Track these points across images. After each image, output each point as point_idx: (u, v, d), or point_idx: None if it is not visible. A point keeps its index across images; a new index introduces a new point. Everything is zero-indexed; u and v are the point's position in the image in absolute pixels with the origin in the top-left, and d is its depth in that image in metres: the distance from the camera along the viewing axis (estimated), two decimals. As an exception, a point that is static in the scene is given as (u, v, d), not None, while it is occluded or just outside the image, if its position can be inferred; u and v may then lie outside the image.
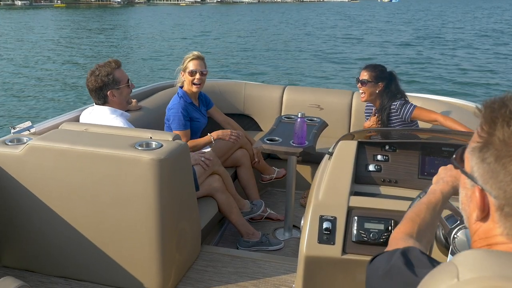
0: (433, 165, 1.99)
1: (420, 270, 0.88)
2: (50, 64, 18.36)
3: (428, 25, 40.07)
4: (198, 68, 3.49)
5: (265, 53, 21.83)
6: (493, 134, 0.78)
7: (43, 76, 15.74)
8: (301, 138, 3.07)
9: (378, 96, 3.44)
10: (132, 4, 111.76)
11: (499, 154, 0.76)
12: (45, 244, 2.48)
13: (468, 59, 19.40)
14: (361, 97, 3.49)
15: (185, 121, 3.44)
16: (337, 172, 1.93)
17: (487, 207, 0.81)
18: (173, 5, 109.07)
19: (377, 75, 3.42)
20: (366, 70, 3.45)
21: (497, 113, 0.78)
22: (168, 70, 16.82)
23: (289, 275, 2.64)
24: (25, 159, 2.36)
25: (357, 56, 20.72)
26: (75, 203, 2.36)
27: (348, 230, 1.78)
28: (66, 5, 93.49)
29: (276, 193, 4.10)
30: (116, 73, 2.86)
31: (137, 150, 2.26)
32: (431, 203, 1.22)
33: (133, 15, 57.75)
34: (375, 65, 3.51)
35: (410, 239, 1.10)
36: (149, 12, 70.38)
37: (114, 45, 25.01)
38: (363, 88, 3.43)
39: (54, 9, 77.40)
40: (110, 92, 2.84)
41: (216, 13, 64.46)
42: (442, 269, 0.73)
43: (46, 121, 3.03)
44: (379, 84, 3.42)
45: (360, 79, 3.43)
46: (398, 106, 3.39)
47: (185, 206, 2.54)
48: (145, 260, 2.36)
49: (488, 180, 0.79)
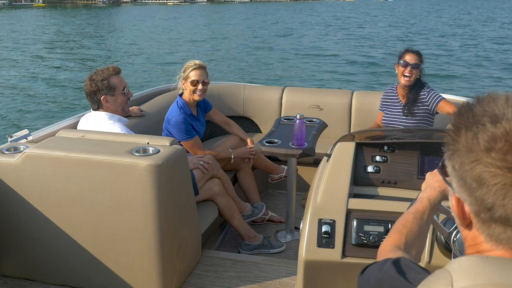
0: (432, 165, 1.96)
1: (413, 277, 0.86)
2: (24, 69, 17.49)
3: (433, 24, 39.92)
4: (200, 78, 3.38)
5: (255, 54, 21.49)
6: (458, 140, 0.76)
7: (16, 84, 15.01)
8: (300, 139, 3.04)
9: (415, 80, 3.47)
10: (118, 4, 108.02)
11: (463, 161, 0.75)
12: (43, 253, 2.47)
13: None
14: (405, 80, 3.44)
15: (190, 130, 3.35)
16: (335, 174, 1.91)
17: (467, 215, 0.79)
18: (160, 5, 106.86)
19: (421, 59, 3.47)
20: (414, 54, 3.46)
21: (461, 119, 0.77)
22: (159, 73, 16.38)
23: (290, 277, 2.61)
24: (22, 168, 2.35)
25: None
26: (73, 211, 2.34)
27: (347, 233, 1.76)
28: (47, 5, 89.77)
29: (277, 195, 4.08)
30: (112, 79, 2.85)
31: (134, 156, 2.24)
32: (418, 212, 1.20)
33: (118, 16, 55.59)
34: (416, 49, 3.55)
35: (399, 250, 1.08)
36: (136, 12, 67.95)
37: (97, 48, 24.02)
38: (414, 71, 3.43)
39: (35, 9, 73.57)
40: (103, 98, 2.83)
41: (206, 14, 62.58)
42: (436, 277, 0.71)
43: (43, 128, 3.02)
44: (420, 67, 3.46)
45: (412, 63, 3.41)
46: (429, 92, 3.43)
47: (184, 211, 2.52)
48: (145, 268, 2.34)
49: (461, 188, 0.77)
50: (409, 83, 3.44)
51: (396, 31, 32.90)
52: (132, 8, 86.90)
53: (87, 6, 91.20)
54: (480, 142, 0.72)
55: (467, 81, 14.78)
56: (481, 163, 0.72)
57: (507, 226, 0.73)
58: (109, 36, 29.47)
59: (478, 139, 0.73)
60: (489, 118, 0.73)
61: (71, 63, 18.37)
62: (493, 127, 0.72)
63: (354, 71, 16.68)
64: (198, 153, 3.33)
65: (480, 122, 0.73)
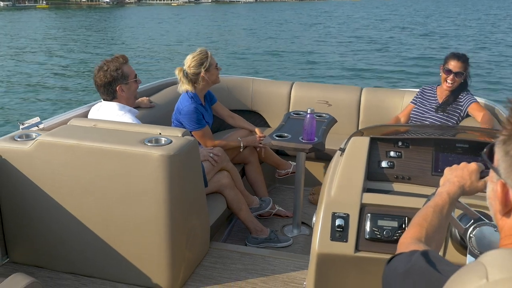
0: (447, 161, 1.95)
1: (443, 268, 0.86)
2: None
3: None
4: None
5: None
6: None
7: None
8: (310, 134, 3.04)
9: (458, 85, 3.46)
10: (122, 4, 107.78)
11: None
12: (54, 240, 2.48)
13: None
14: (448, 86, 3.43)
15: (201, 119, 3.34)
16: (349, 169, 1.91)
17: (509, 202, 0.79)
18: (165, 5, 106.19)
19: (466, 66, 3.43)
20: (459, 61, 3.41)
21: None
22: (161, 70, 16.44)
23: (298, 271, 2.62)
24: (34, 155, 2.35)
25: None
26: (84, 199, 2.35)
27: (361, 228, 1.76)
28: (50, 6, 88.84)
29: (285, 190, 4.08)
30: (124, 67, 2.85)
31: (147, 146, 2.24)
32: (437, 206, 1.20)
33: (121, 18, 54.98)
34: (463, 54, 3.49)
35: (420, 243, 1.08)
36: (141, 13, 67.39)
37: (100, 49, 23.86)
38: (456, 79, 3.41)
39: (38, 11, 72.33)
40: (119, 87, 2.83)
41: (211, 15, 61.78)
42: (470, 269, 0.71)
43: (55, 117, 3.02)
44: (464, 74, 3.44)
45: (455, 71, 3.39)
46: (466, 95, 3.43)
47: (194, 202, 2.52)
48: (155, 257, 2.35)
49: (511, 174, 0.77)
50: (450, 89, 3.44)
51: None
52: (136, 8, 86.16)
53: (91, 7, 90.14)
54: None
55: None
56: None
57: None
58: (114, 39, 29.20)
59: None
60: None
61: (74, 67, 18.32)
62: None
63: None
64: (208, 143, 3.33)
65: None
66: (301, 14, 56.75)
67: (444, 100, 3.50)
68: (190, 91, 3.35)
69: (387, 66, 17.63)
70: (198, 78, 3.33)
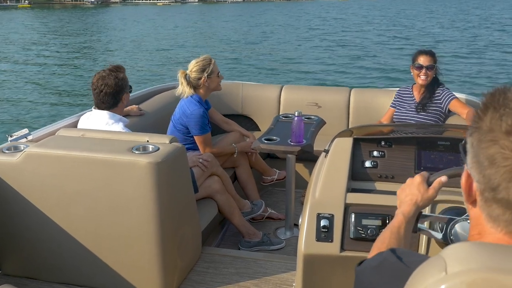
0: (429, 159, 1.98)
1: (410, 260, 0.90)
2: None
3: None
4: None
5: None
6: (482, 119, 0.78)
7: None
8: (298, 136, 3.07)
9: (431, 79, 3.53)
10: (107, 4, 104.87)
11: (481, 138, 0.77)
12: (44, 251, 2.48)
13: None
14: (422, 80, 3.49)
15: (206, 125, 3.40)
16: (333, 170, 1.93)
17: (473, 192, 0.82)
18: (151, 5, 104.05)
19: (435, 60, 3.52)
20: (427, 55, 3.50)
21: (492, 99, 0.79)
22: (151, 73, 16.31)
23: (290, 273, 2.64)
24: (22, 167, 2.36)
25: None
26: (74, 209, 2.36)
27: (345, 227, 1.78)
28: (32, 5, 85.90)
29: (276, 193, 4.10)
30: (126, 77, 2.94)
31: (134, 154, 2.26)
32: (394, 227, 1.25)
33: (107, 18, 53.03)
34: (429, 50, 3.60)
35: None
36: (126, 12, 65.68)
37: (80, 51, 22.94)
38: (429, 73, 3.48)
39: (20, 11, 69.60)
40: (124, 96, 2.90)
41: (197, 15, 60.45)
42: (431, 263, 0.73)
43: (43, 128, 3.03)
44: (435, 67, 3.51)
45: (426, 65, 3.46)
46: (443, 91, 3.48)
47: (185, 209, 2.54)
48: (146, 265, 2.36)
49: (473, 165, 0.80)
50: (426, 82, 3.49)
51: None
52: (121, 8, 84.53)
53: (76, 7, 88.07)
54: (503, 124, 0.75)
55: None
56: (497, 144, 0.74)
57: (507, 209, 0.75)
58: (98, 40, 28.39)
59: (501, 121, 0.75)
60: None
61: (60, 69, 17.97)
62: None
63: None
64: (206, 149, 3.37)
65: (508, 106, 0.76)
66: (291, 15, 56.68)
67: (421, 97, 3.53)
68: (195, 94, 3.42)
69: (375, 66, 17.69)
70: (199, 83, 3.40)
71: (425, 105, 3.50)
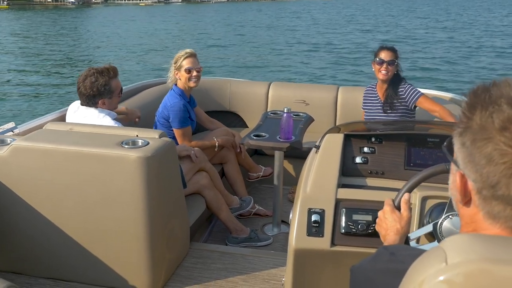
0: (419, 156, 2.01)
1: (405, 254, 0.91)
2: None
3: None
4: (193, 65, 3.48)
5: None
6: (472, 118, 0.79)
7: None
8: (287, 133, 3.08)
9: (392, 76, 3.54)
10: (89, 5, 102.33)
11: (475, 138, 0.78)
12: (32, 246, 2.46)
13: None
14: (383, 75, 3.50)
15: (187, 118, 3.41)
16: (324, 165, 1.95)
17: (468, 192, 0.83)
18: (133, 5, 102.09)
19: (396, 55, 3.53)
20: (389, 51, 3.52)
21: (478, 98, 0.80)
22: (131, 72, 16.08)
23: (278, 269, 2.65)
24: (9, 160, 2.33)
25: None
26: (62, 204, 2.33)
27: (336, 222, 1.79)
28: (10, 6, 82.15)
29: (264, 189, 4.11)
30: (112, 82, 2.83)
31: (124, 149, 2.24)
32: None
33: (88, 20, 51.32)
34: (391, 46, 3.61)
35: None
36: (108, 13, 64.06)
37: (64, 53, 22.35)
38: (390, 68, 3.49)
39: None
40: (101, 101, 2.81)
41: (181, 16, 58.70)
42: (431, 254, 0.74)
43: (30, 121, 2.99)
44: (396, 63, 3.52)
45: (387, 60, 3.47)
46: (407, 88, 3.49)
47: (173, 203, 2.53)
48: (135, 259, 2.35)
49: (467, 164, 0.80)
50: (386, 77, 3.51)
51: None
52: (103, 9, 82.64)
53: (57, 7, 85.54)
54: (495, 122, 0.75)
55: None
56: (493, 142, 0.75)
57: (508, 205, 0.76)
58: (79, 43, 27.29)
59: (493, 119, 0.76)
60: (506, 100, 0.76)
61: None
62: (510, 109, 0.75)
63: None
64: (185, 143, 3.36)
65: (496, 103, 0.77)
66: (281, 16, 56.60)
67: (385, 96, 3.56)
68: (175, 86, 3.47)
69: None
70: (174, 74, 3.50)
71: (391, 105, 3.52)
